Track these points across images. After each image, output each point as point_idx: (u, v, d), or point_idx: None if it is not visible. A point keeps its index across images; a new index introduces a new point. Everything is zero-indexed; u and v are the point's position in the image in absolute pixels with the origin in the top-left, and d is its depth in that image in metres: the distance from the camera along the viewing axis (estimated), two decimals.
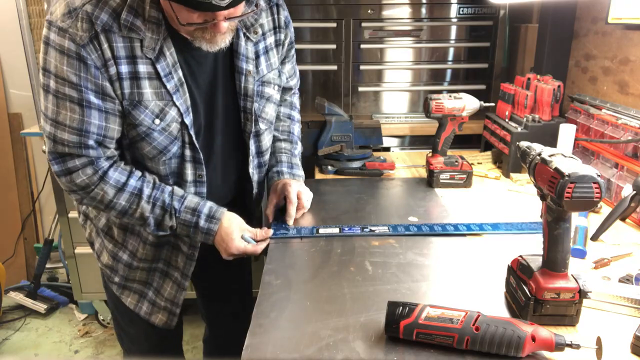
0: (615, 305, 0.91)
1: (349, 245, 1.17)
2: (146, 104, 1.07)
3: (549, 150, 0.88)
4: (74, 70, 1.01)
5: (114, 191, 1.10)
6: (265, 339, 0.84)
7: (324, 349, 0.80)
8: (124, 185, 1.10)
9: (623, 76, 1.55)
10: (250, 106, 1.22)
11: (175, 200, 1.14)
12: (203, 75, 1.16)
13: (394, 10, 2.26)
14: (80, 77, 1.01)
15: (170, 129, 1.11)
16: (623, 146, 1.41)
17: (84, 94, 1.02)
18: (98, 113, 1.05)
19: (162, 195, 1.13)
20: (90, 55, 1.00)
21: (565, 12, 1.82)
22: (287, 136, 1.43)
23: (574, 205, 0.80)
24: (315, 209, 1.38)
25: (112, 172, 1.10)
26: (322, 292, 0.96)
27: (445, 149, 1.59)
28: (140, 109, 1.07)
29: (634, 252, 1.14)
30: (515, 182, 1.62)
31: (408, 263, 1.09)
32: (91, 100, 1.03)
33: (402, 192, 1.58)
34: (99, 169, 1.08)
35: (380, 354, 0.79)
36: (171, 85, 1.08)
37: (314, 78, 2.33)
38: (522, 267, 0.91)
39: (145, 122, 1.08)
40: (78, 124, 1.04)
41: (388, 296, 0.95)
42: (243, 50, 1.19)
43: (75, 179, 1.08)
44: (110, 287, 1.30)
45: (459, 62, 2.35)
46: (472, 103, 1.55)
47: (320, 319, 0.89)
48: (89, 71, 1.01)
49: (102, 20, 1.00)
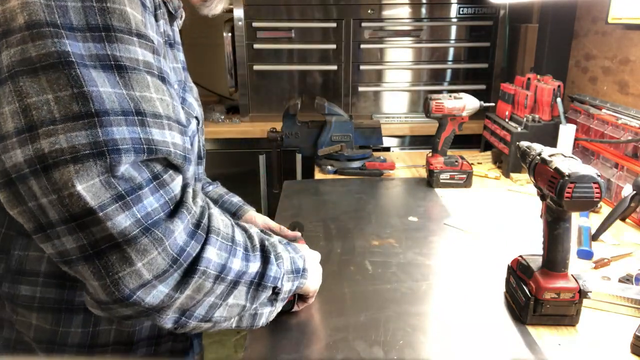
0: (615, 305, 0.91)
1: (349, 245, 1.17)
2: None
3: (549, 150, 0.88)
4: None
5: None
6: (264, 339, 0.83)
7: (323, 349, 0.80)
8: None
9: (623, 76, 1.55)
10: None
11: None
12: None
13: (394, 10, 2.26)
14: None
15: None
16: (623, 146, 1.41)
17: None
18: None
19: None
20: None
21: (565, 12, 1.82)
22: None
23: (574, 205, 0.80)
24: (316, 209, 1.38)
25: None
26: (322, 292, 0.96)
27: (445, 149, 1.59)
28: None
29: (634, 252, 1.14)
30: (515, 182, 1.62)
31: (408, 262, 1.09)
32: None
33: (402, 192, 1.58)
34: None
35: (380, 353, 0.79)
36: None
37: (314, 78, 2.33)
38: (522, 267, 0.91)
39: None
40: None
41: (388, 296, 0.95)
42: (179, 40, 0.88)
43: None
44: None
45: (459, 62, 2.35)
46: (472, 103, 1.55)
47: (319, 319, 0.88)
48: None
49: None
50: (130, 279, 0.58)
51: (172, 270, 0.60)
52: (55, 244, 0.57)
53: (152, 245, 0.58)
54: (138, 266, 0.58)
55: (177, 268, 0.61)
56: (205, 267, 0.63)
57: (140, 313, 0.62)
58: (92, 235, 0.56)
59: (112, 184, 0.56)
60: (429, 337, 0.84)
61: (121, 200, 0.57)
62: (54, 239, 0.57)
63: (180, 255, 0.61)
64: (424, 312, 0.91)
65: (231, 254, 0.67)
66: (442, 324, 0.88)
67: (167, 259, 0.59)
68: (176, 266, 0.60)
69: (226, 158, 2.30)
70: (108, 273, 0.57)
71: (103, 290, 0.58)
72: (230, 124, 2.32)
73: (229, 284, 0.68)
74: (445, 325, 0.87)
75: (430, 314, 0.91)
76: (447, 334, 0.85)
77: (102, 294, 0.59)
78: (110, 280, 0.57)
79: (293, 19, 2.24)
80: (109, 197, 0.56)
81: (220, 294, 0.68)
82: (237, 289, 0.70)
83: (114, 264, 0.57)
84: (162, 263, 0.59)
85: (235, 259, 0.68)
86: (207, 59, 2.59)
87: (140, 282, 0.58)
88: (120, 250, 0.57)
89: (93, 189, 0.55)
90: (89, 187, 0.55)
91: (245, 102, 2.34)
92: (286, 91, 2.35)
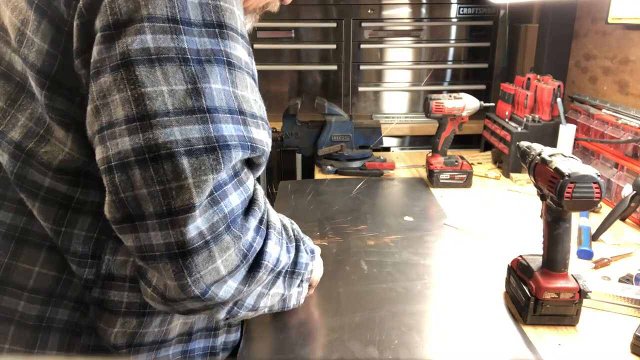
0: (615, 305, 0.91)
1: (344, 245, 1.16)
2: None
3: (549, 150, 0.88)
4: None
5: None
6: (260, 339, 0.83)
7: (319, 349, 0.80)
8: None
9: (623, 76, 1.55)
10: None
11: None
12: None
13: (394, 10, 2.26)
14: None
15: None
16: (623, 146, 1.41)
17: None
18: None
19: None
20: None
21: (565, 12, 1.82)
22: None
23: (574, 205, 0.80)
24: (312, 209, 1.37)
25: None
26: (317, 292, 0.96)
27: (445, 149, 1.59)
28: None
29: (634, 252, 1.14)
30: (515, 182, 1.62)
31: (404, 262, 1.09)
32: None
33: (399, 192, 1.58)
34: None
35: (375, 353, 0.79)
36: None
37: (314, 78, 2.33)
38: (522, 267, 0.91)
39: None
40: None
41: (383, 295, 0.95)
42: None
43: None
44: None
45: (459, 62, 2.35)
46: (472, 103, 1.55)
47: (315, 319, 0.88)
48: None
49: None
50: (210, 276, 0.58)
51: (241, 266, 0.61)
52: (141, 237, 0.56)
53: (232, 242, 0.59)
54: (218, 263, 0.58)
55: (245, 263, 0.62)
56: (267, 262, 0.65)
57: (206, 307, 0.62)
58: (183, 235, 0.55)
59: (211, 180, 0.56)
60: (424, 337, 0.84)
61: (210, 196, 0.57)
62: (140, 232, 0.56)
63: (249, 250, 0.62)
64: (419, 311, 0.91)
65: (281, 247, 0.70)
66: (441, 324, 0.88)
67: (240, 255, 0.61)
68: (245, 261, 0.62)
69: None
70: (191, 273, 0.57)
71: (180, 289, 0.58)
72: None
73: (276, 274, 0.70)
74: (443, 325, 0.87)
75: (426, 313, 0.91)
76: (446, 333, 0.85)
77: (177, 292, 0.58)
78: (191, 280, 0.57)
79: (293, 19, 2.24)
80: (208, 193, 0.56)
81: (267, 284, 0.70)
82: (280, 278, 0.73)
83: (197, 264, 0.57)
84: (235, 259, 0.60)
85: (282, 251, 0.70)
86: None
87: (216, 278, 0.59)
88: (207, 249, 0.57)
89: (203, 185, 0.55)
90: (200, 182, 0.54)
91: None
92: (286, 91, 2.35)
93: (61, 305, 0.68)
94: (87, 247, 0.67)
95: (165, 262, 0.56)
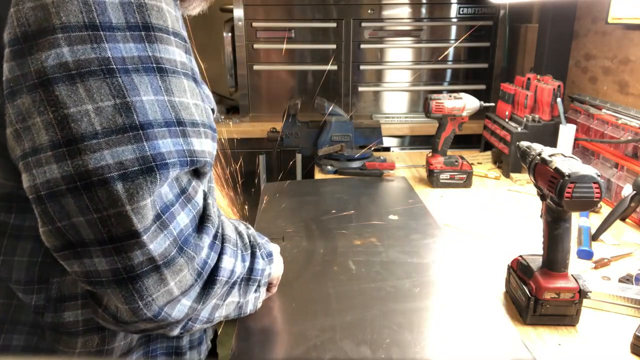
0: (615, 305, 0.91)
1: (331, 245, 1.16)
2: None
3: (549, 150, 0.88)
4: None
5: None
6: (252, 341, 0.83)
7: (311, 349, 0.80)
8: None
9: (623, 76, 1.55)
10: None
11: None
12: None
13: (394, 10, 2.26)
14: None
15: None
16: (623, 146, 1.41)
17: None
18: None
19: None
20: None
21: (565, 12, 1.82)
22: None
23: (574, 205, 0.80)
24: (297, 210, 1.37)
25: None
26: (307, 293, 0.95)
27: (445, 149, 1.59)
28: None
29: (634, 252, 1.14)
30: (515, 182, 1.62)
31: (391, 261, 1.08)
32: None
33: (387, 191, 1.57)
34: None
35: (368, 352, 0.79)
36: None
37: (314, 78, 2.33)
38: (522, 267, 0.91)
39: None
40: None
41: (373, 294, 0.95)
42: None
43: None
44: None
45: (459, 62, 2.35)
46: (472, 103, 1.55)
47: (306, 320, 0.88)
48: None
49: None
50: (163, 298, 0.55)
51: (195, 284, 0.59)
52: (85, 263, 0.52)
53: (186, 263, 0.56)
54: (171, 285, 0.56)
55: (200, 281, 0.59)
56: (222, 277, 0.62)
57: (160, 327, 0.60)
58: (130, 260, 0.52)
59: (155, 202, 0.52)
60: (415, 335, 0.83)
61: (158, 220, 0.53)
62: (83, 258, 0.52)
63: (203, 268, 0.59)
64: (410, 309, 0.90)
65: (236, 258, 0.67)
66: (440, 324, 0.88)
67: (194, 275, 0.58)
68: (199, 279, 0.59)
69: (226, 158, 2.30)
70: (142, 296, 0.54)
71: (132, 312, 0.55)
72: (230, 124, 2.32)
73: (231, 285, 0.68)
74: (443, 324, 0.87)
75: (419, 311, 0.90)
76: (444, 333, 0.84)
77: (129, 314, 0.55)
78: (143, 304, 0.54)
79: (293, 19, 2.24)
80: (152, 217, 0.52)
81: (221, 296, 0.67)
82: (234, 288, 0.70)
83: (148, 287, 0.54)
84: (189, 279, 0.57)
85: (237, 262, 0.67)
86: (207, 59, 2.59)
87: (169, 299, 0.56)
88: (158, 273, 0.54)
89: (143, 210, 0.51)
90: (139, 207, 0.50)
91: (245, 102, 2.34)
92: (286, 91, 2.35)
93: (15, 331, 0.64)
94: (31, 273, 0.62)
95: (113, 288, 0.53)
